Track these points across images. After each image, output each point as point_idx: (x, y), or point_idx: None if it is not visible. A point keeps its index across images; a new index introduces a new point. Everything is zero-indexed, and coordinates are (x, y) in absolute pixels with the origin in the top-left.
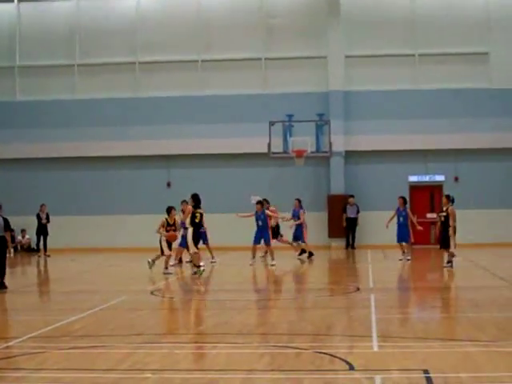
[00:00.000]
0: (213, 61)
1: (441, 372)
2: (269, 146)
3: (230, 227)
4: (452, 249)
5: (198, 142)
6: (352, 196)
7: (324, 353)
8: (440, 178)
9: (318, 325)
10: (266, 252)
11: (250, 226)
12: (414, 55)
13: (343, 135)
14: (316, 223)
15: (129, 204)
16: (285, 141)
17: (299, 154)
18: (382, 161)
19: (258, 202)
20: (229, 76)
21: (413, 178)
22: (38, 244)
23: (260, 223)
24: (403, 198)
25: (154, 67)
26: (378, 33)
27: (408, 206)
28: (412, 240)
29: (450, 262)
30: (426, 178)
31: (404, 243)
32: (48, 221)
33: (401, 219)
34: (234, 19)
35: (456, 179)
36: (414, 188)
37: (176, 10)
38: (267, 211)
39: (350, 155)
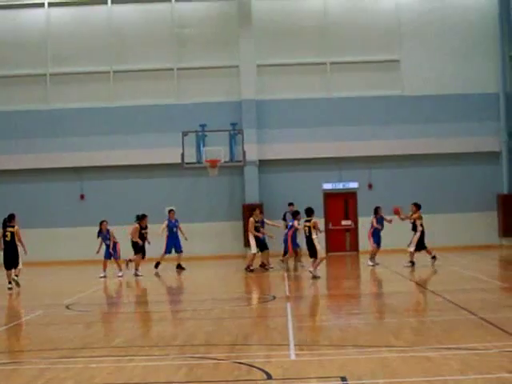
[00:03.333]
0: (125, 71)
1: (358, 379)
2: (182, 156)
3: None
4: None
5: (111, 154)
6: (292, 204)
7: (242, 363)
8: (354, 185)
9: (235, 335)
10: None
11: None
12: (325, 63)
13: (256, 144)
14: (232, 232)
15: (42, 217)
16: (198, 151)
17: (213, 163)
18: (296, 169)
19: (170, 211)
20: (141, 86)
21: (327, 186)
22: None
23: (175, 230)
24: (375, 208)
25: (65, 79)
26: (290, 41)
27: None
28: None
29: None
30: (340, 186)
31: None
32: None
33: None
34: (146, 30)
35: (370, 186)
36: (329, 195)
37: (87, 21)
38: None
39: (263, 164)
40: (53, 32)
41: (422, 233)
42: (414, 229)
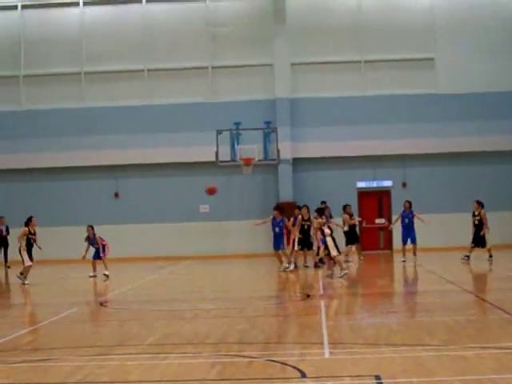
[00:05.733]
0: (159, 70)
1: (392, 377)
2: (216, 154)
3: (178, 237)
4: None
5: (145, 152)
6: (324, 202)
7: (275, 361)
8: (388, 183)
9: (268, 333)
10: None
11: (200, 236)
12: (360, 61)
13: (290, 142)
14: (266, 231)
15: (77, 215)
16: (232, 149)
17: (247, 162)
18: (330, 167)
19: (277, 208)
20: (175, 85)
21: (361, 184)
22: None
23: (277, 230)
24: (409, 202)
25: (100, 77)
26: (324, 40)
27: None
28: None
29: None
30: (374, 184)
31: (413, 244)
32: (8, 233)
33: (406, 221)
34: (180, 28)
35: (404, 185)
36: (363, 194)
37: (121, 20)
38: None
39: (297, 162)
40: (88, 30)
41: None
42: (480, 226)
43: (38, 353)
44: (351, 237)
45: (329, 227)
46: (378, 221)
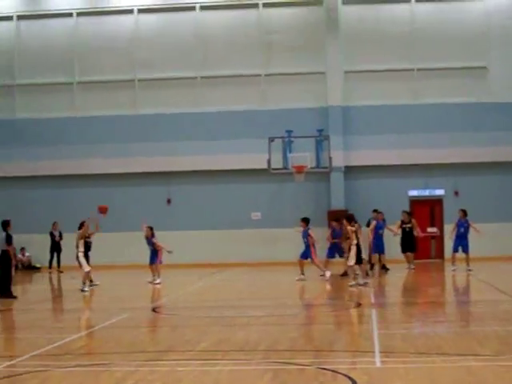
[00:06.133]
0: (211, 77)
1: None
2: (268, 162)
3: (230, 243)
4: None
5: (197, 159)
6: (376, 210)
7: (327, 369)
8: (440, 192)
9: (320, 341)
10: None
11: (251, 244)
12: (413, 70)
13: (343, 150)
14: (318, 238)
15: (129, 221)
16: (284, 157)
17: (299, 169)
18: (382, 175)
19: (303, 220)
20: (227, 92)
21: (413, 193)
22: (50, 261)
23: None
24: (464, 211)
25: (153, 84)
26: (377, 47)
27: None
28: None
29: None
30: (426, 193)
31: (465, 253)
32: (61, 238)
33: (461, 230)
34: (233, 35)
35: (456, 193)
36: (414, 202)
37: (174, 27)
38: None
39: (349, 170)
40: (141, 38)
41: None
42: None
43: (90, 357)
44: (407, 244)
45: (357, 236)
46: (429, 229)
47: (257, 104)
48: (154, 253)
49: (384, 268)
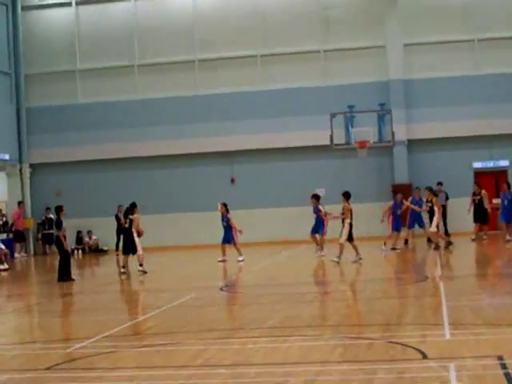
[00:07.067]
0: (271, 55)
1: None
2: (331, 137)
3: (295, 220)
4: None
5: (260, 137)
6: (440, 183)
7: (396, 342)
8: (504, 163)
9: (388, 315)
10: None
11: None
12: (473, 40)
13: (405, 124)
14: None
15: (193, 201)
16: (347, 132)
17: (362, 144)
18: (445, 148)
19: (313, 196)
20: (288, 70)
21: (477, 165)
22: (117, 244)
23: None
24: (507, 183)
25: (214, 64)
26: (436, 20)
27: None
28: None
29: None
30: (491, 164)
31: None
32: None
33: (505, 202)
34: (291, 13)
35: None
36: (479, 174)
37: (232, 6)
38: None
39: (412, 144)
40: (200, 18)
41: None
42: None
43: (159, 337)
44: (477, 215)
45: (351, 215)
46: (495, 201)
47: (317, 80)
48: (228, 231)
49: (406, 243)
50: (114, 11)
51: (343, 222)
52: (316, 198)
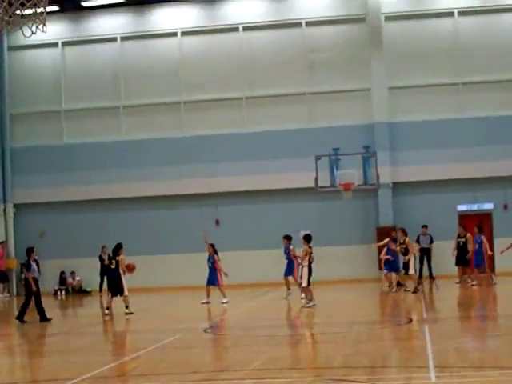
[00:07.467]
0: (257, 97)
1: None
2: (316, 180)
3: (280, 263)
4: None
5: (245, 179)
6: (425, 226)
7: None
8: (489, 206)
9: (373, 357)
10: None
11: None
12: (458, 84)
13: (390, 166)
14: (366, 256)
15: (179, 244)
16: (332, 174)
17: (347, 187)
18: (430, 191)
19: (285, 237)
20: (273, 112)
21: (462, 207)
22: (101, 285)
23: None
24: (478, 227)
25: (199, 106)
26: (421, 63)
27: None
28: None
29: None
30: (475, 207)
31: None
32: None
33: (476, 246)
34: (277, 55)
35: (505, 207)
36: (464, 217)
37: (219, 49)
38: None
39: (397, 186)
40: (185, 60)
41: None
42: None
43: (143, 379)
44: (461, 258)
45: (310, 257)
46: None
47: (302, 123)
48: (213, 273)
49: (399, 285)
50: (100, 52)
51: (302, 265)
52: (288, 238)
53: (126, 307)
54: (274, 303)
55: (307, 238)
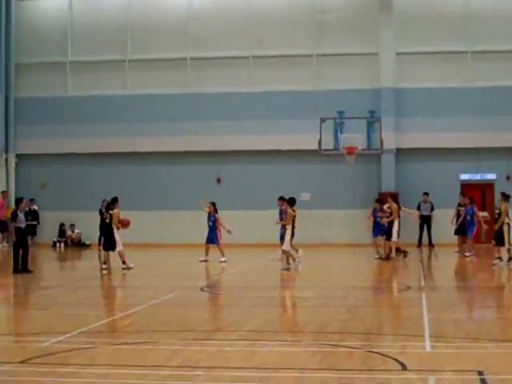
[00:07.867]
0: (264, 57)
1: (495, 373)
2: (319, 142)
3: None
4: (507, 245)
5: (248, 139)
6: (426, 193)
7: (376, 352)
8: (491, 176)
9: (369, 324)
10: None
11: (300, 224)
12: (466, 52)
13: (394, 132)
14: (366, 221)
15: (179, 200)
16: (336, 138)
17: (350, 151)
18: (434, 158)
19: (280, 198)
20: (280, 72)
21: (464, 177)
22: (100, 238)
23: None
24: (470, 198)
25: (205, 63)
26: (430, 29)
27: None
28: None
29: (499, 258)
30: (478, 177)
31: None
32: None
33: (468, 217)
34: (286, 15)
35: (508, 178)
36: (466, 186)
37: (227, 6)
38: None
39: (401, 152)
40: (194, 16)
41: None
42: None
43: (137, 335)
44: (462, 228)
45: (293, 222)
46: (481, 214)
47: (309, 84)
48: (212, 231)
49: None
50: (108, 5)
51: (285, 228)
52: (283, 200)
53: (123, 262)
54: (271, 264)
55: (291, 202)
